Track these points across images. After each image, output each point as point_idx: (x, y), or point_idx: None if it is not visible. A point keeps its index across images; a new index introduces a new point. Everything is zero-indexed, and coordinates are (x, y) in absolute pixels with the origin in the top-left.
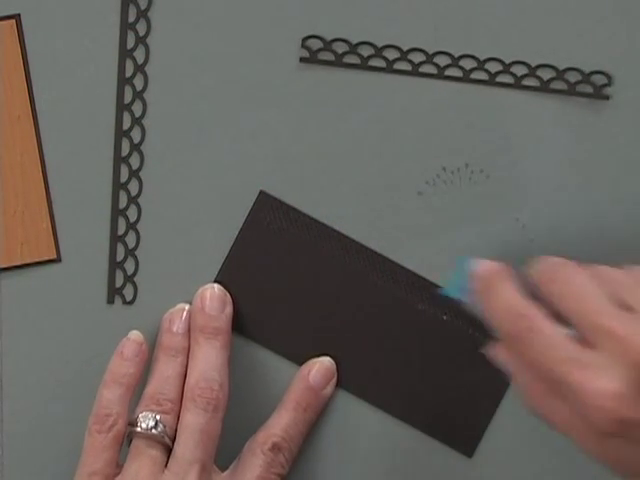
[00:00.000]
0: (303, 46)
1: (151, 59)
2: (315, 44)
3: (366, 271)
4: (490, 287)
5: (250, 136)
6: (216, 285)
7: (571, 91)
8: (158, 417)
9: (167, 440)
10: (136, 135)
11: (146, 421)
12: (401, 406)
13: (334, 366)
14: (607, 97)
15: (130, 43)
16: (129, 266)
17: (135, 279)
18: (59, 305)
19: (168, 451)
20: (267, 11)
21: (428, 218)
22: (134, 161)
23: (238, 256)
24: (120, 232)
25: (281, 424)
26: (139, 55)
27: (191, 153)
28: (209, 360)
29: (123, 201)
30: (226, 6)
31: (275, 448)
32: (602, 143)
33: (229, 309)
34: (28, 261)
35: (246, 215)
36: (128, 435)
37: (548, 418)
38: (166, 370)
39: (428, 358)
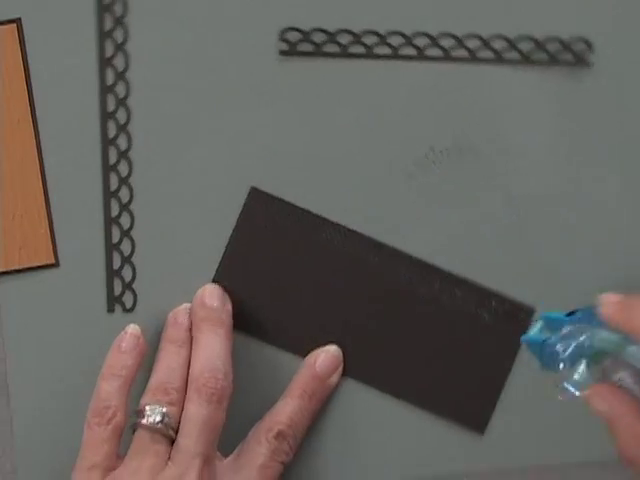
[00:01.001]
0: (282, 39)
1: (131, 64)
2: (294, 36)
3: (364, 258)
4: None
5: (237, 133)
6: (214, 284)
7: (552, 61)
8: (164, 410)
9: (172, 433)
10: (122, 142)
11: (153, 415)
12: (409, 389)
13: (341, 355)
14: (589, 64)
15: (109, 51)
16: (127, 273)
17: (134, 286)
18: (57, 310)
19: (171, 443)
20: (243, 7)
21: (420, 199)
22: (122, 168)
23: (234, 254)
24: (115, 240)
25: (286, 412)
26: (119, 62)
27: (178, 155)
28: (213, 348)
29: (115, 209)
30: (201, 6)
31: (280, 436)
32: (587, 110)
33: (229, 306)
34: (26, 266)
35: (239, 212)
36: (132, 426)
37: None
38: (172, 361)
39: (432, 340)
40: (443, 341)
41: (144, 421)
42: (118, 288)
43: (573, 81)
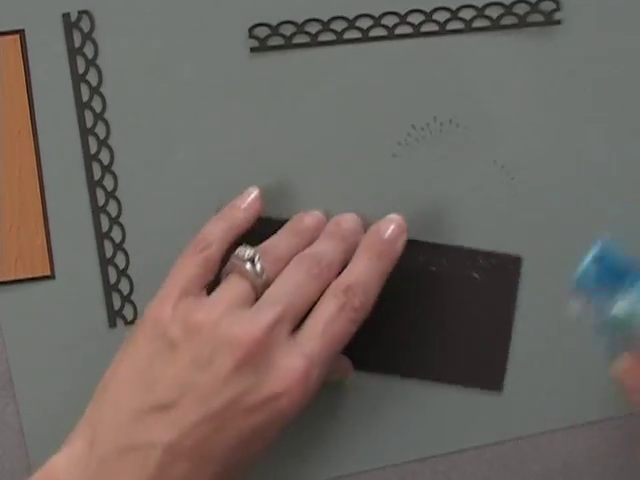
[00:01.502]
0: (251, 36)
1: (104, 78)
2: (262, 32)
3: None
4: None
5: (218, 135)
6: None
7: (522, 23)
8: (257, 256)
9: (259, 282)
10: (104, 156)
11: (245, 252)
12: (418, 366)
13: (404, 223)
14: (558, 22)
15: (81, 68)
16: (124, 287)
17: (132, 298)
18: (54, 322)
19: (256, 294)
20: (209, 9)
21: (408, 178)
22: (108, 183)
23: None
24: (108, 254)
25: (353, 270)
26: (92, 78)
27: (160, 162)
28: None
29: (105, 224)
30: (167, 14)
31: (349, 290)
32: (561, 67)
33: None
34: (22, 277)
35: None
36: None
37: None
38: (283, 241)
39: (429, 312)
40: (441, 310)
41: (234, 260)
42: (117, 302)
43: (545, 41)
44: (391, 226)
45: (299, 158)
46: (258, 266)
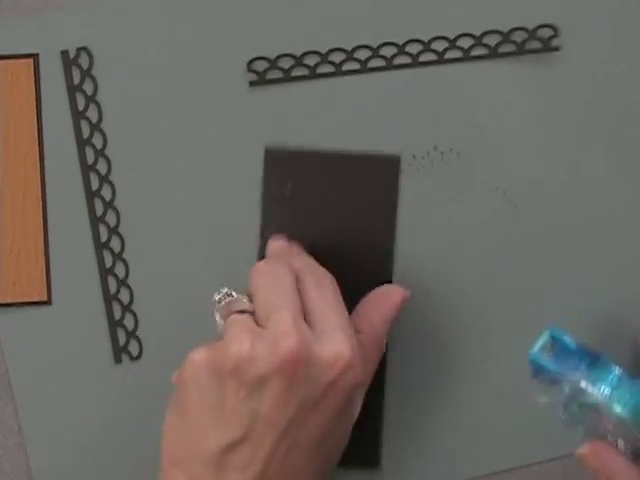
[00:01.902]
0: (249, 70)
1: (104, 116)
2: (261, 65)
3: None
4: None
5: (219, 169)
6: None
7: (520, 50)
8: (226, 290)
9: (245, 304)
10: (106, 193)
11: (219, 295)
12: None
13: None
14: (557, 48)
15: (80, 104)
16: (129, 322)
17: (137, 334)
18: (51, 347)
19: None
20: (206, 43)
21: (410, 207)
22: (110, 218)
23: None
24: (112, 290)
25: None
26: (92, 114)
27: (161, 197)
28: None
29: (108, 260)
30: (164, 46)
31: (310, 267)
32: (560, 93)
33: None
34: (18, 300)
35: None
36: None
37: None
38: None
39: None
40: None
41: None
42: (122, 338)
43: (543, 67)
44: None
45: None
46: (234, 294)
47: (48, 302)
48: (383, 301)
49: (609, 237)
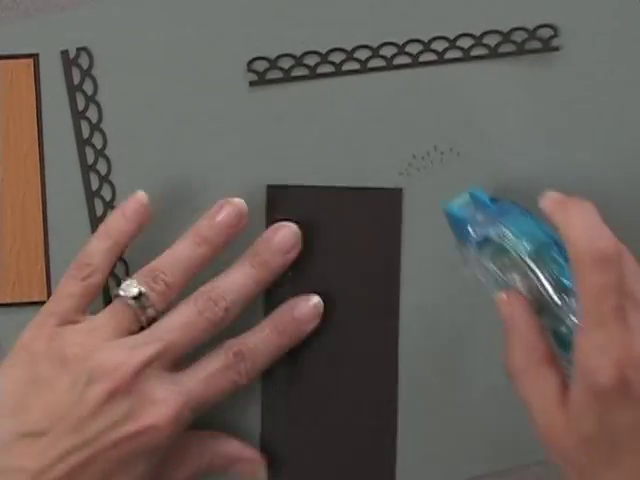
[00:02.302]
0: (249, 70)
1: (104, 116)
2: (261, 65)
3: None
4: (574, 207)
5: (219, 169)
6: (295, 227)
7: (520, 50)
8: (144, 290)
9: (143, 319)
10: (106, 193)
11: (129, 289)
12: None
13: (321, 305)
14: (557, 48)
15: (80, 104)
16: None
17: None
18: None
19: (138, 323)
20: (206, 43)
21: (411, 208)
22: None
23: None
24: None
25: (253, 339)
26: (92, 114)
27: (163, 199)
28: (239, 283)
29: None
30: (164, 46)
31: (239, 354)
32: (561, 94)
33: (293, 255)
34: (18, 300)
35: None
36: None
37: (529, 385)
38: (182, 251)
39: None
40: None
41: (121, 292)
42: None
43: (543, 67)
44: (307, 308)
45: None
46: (144, 300)
47: None
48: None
49: None
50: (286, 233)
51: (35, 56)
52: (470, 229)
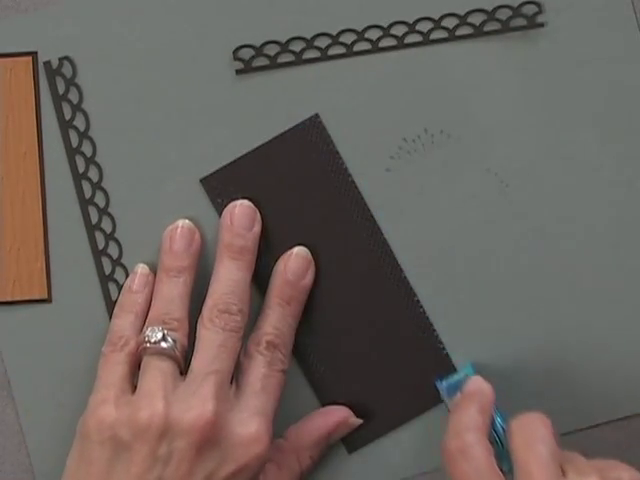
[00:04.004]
0: (236, 58)
1: (92, 123)
2: (247, 53)
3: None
4: (464, 401)
5: (209, 160)
6: (246, 201)
7: (505, 28)
8: (165, 331)
9: (177, 354)
10: (99, 199)
11: (154, 334)
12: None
13: (309, 254)
14: (542, 24)
15: (67, 115)
16: None
17: None
18: (51, 344)
19: (179, 366)
20: (190, 35)
21: (403, 191)
22: (106, 225)
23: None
24: (114, 297)
25: (269, 322)
26: (79, 123)
27: (153, 191)
28: (230, 280)
29: (108, 267)
30: (148, 42)
31: (270, 345)
32: (548, 71)
33: (257, 228)
34: (18, 299)
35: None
36: (140, 354)
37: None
38: (169, 292)
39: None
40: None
41: (147, 344)
42: None
43: (530, 44)
44: (295, 264)
45: None
46: (170, 340)
47: (48, 300)
48: (319, 418)
49: (600, 214)
50: (241, 211)
51: (34, 54)
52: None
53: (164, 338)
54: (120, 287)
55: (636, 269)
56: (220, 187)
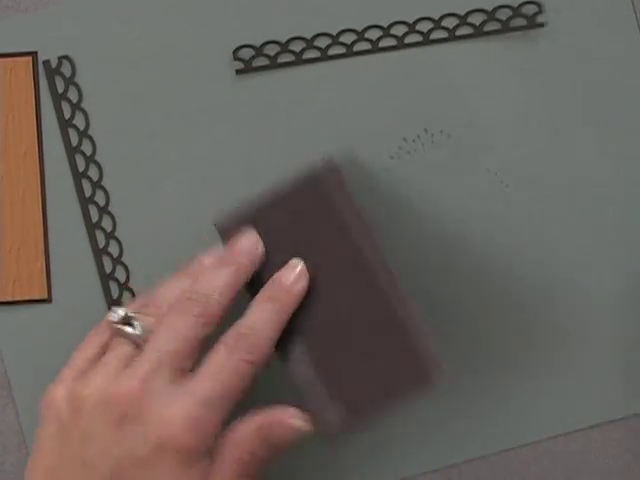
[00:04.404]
0: (235, 58)
1: (92, 122)
2: (247, 53)
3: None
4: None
5: (208, 161)
6: (251, 230)
7: (505, 28)
8: (130, 313)
9: (140, 339)
10: (100, 198)
11: (116, 313)
12: None
13: (304, 267)
14: (542, 24)
15: (67, 114)
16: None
17: None
18: (50, 344)
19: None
20: (190, 35)
21: (402, 191)
22: (106, 224)
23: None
24: (115, 296)
25: (245, 315)
26: (79, 122)
27: (154, 197)
28: (216, 280)
29: (108, 265)
30: (147, 42)
31: (236, 334)
32: (548, 71)
33: (261, 250)
34: (18, 299)
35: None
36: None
37: None
38: (182, 277)
39: None
40: None
41: (109, 321)
42: None
43: (530, 44)
44: (287, 270)
45: (290, 173)
46: (136, 323)
47: (48, 300)
48: (260, 415)
49: (600, 214)
50: (247, 237)
51: (34, 54)
52: None
53: (127, 322)
54: (121, 286)
55: (636, 269)
56: (233, 230)
